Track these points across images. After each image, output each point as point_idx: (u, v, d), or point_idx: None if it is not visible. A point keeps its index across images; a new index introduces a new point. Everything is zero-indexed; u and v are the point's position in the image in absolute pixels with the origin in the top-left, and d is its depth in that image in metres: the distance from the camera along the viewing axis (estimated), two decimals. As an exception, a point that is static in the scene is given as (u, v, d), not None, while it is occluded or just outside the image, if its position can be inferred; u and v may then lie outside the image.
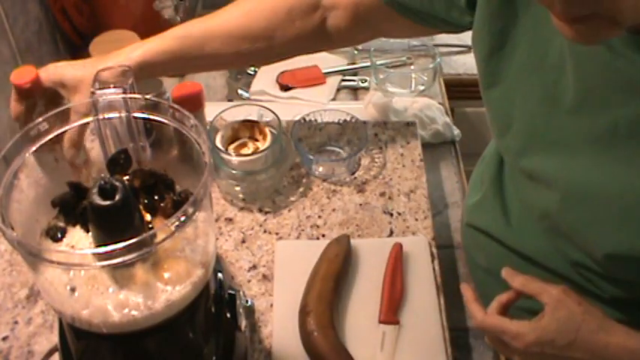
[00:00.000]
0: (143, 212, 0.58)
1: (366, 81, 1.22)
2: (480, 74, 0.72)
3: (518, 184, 0.76)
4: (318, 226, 0.92)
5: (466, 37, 1.42)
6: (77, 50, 1.30)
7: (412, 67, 1.22)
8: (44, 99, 0.78)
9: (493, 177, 0.82)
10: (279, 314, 0.80)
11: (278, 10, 0.81)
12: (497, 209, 0.80)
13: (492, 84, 0.70)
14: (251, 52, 0.83)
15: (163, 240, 0.51)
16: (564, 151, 0.63)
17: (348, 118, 1.02)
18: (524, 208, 0.75)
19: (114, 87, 0.60)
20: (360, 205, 0.95)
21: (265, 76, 1.22)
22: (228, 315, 0.68)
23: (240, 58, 0.85)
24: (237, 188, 0.94)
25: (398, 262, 0.84)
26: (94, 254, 0.50)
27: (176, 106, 0.59)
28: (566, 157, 0.63)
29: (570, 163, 0.63)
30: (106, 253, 0.49)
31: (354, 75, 1.24)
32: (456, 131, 1.11)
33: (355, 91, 1.22)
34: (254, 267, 0.87)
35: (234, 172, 0.92)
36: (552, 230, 0.70)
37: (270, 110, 0.96)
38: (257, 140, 0.97)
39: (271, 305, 0.82)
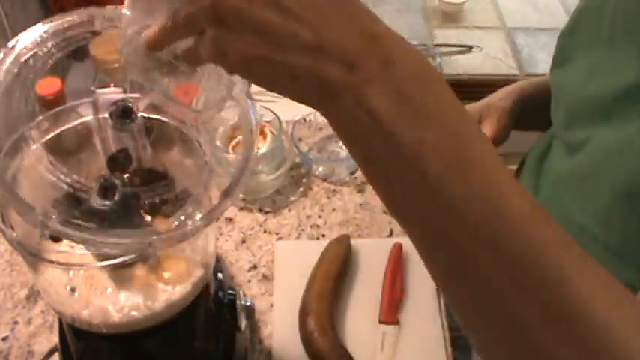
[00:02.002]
0: (143, 212, 0.58)
1: (366, 81, 1.22)
2: (554, 53, 0.75)
3: (555, 161, 0.76)
4: (318, 226, 0.92)
5: (466, 37, 1.43)
6: (77, 50, 1.30)
7: (412, 67, 1.22)
8: None
9: (538, 154, 0.83)
10: (279, 314, 0.80)
11: None
12: (531, 183, 0.81)
13: (558, 64, 0.73)
14: None
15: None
16: (598, 118, 0.64)
17: (348, 118, 1.02)
18: (551, 186, 0.76)
19: (114, 86, 0.60)
20: (360, 205, 0.95)
21: (265, 76, 1.22)
22: (228, 315, 0.68)
23: None
24: (237, 188, 0.94)
25: (398, 262, 0.84)
26: (94, 254, 0.50)
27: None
28: (598, 124, 0.64)
29: (600, 128, 0.63)
30: (106, 253, 0.49)
31: (354, 75, 1.24)
32: (456, 131, 1.11)
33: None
34: (254, 267, 0.87)
35: (233, 171, 0.92)
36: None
37: (270, 110, 0.96)
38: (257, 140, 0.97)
39: (271, 305, 0.82)
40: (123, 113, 0.53)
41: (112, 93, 0.56)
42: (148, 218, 0.58)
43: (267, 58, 0.36)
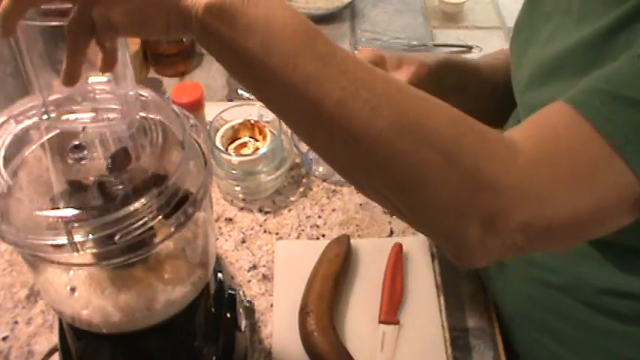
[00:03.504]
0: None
1: (366, 81, 1.22)
2: (514, 26, 0.79)
3: None
4: (318, 226, 0.92)
5: (466, 37, 1.43)
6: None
7: (412, 67, 1.22)
8: None
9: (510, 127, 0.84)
10: (279, 314, 0.80)
11: None
12: None
13: (517, 34, 0.77)
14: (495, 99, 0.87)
15: (163, 240, 0.51)
16: (557, 77, 0.65)
17: (348, 118, 1.02)
18: None
19: None
20: (360, 205, 0.95)
21: (265, 76, 1.21)
22: (228, 315, 0.68)
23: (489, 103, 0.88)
24: (237, 188, 0.94)
25: (398, 262, 0.84)
26: (94, 254, 0.50)
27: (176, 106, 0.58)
28: (557, 83, 0.65)
29: (559, 87, 0.65)
30: (106, 253, 0.49)
31: (354, 75, 1.24)
32: (456, 131, 1.11)
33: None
34: (254, 267, 0.87)
35: (234, 172, 0.92)
36: None
37: (270, 110, 0.96)
38: (257, 140, 0.97)
39: (271, 305, 0.82)
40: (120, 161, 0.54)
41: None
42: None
43: (141, 6, 0.46)
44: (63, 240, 0.47)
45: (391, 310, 0.79)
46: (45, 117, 0.54)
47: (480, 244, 0.51)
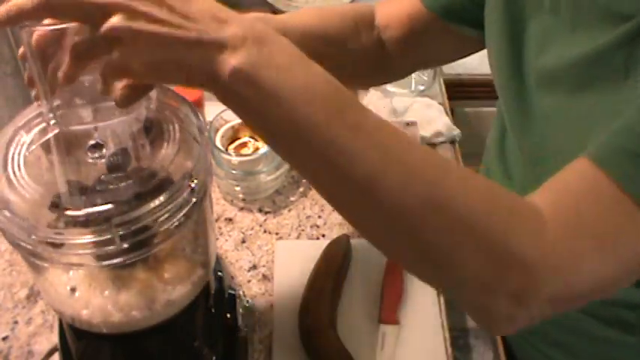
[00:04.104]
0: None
1: (366, 81, 1.22)
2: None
3: (521, 130, 0.74)
4: (318, 226, 0.92)
5: (466, 37, 1.42)
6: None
7: (412, 67, 1.22)
8: None
9: (496, 142, 0.83)
10: (279, 314, 0.80)
11: (347, 19, 0.83)
12: (500, 172, 0.81)
13: (498, 39, 0.72)
14: (324, 56, 0.83)
15: (163, 240, 0.51)
16: (555, 92, 0.64)
17: (348, 118, 1.01)
18: (524, 164, 0.75)
19: None
20: (360, 205, 0.95)
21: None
22: (228, 315, 0.68)
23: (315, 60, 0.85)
24: (237, 188, 0.94)
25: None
26: (94, 254, 0.50)
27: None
28: (557, 97, 0.64)
29: (558, 101, 0.63)
30: (106, 253, 0.49)
31: (354, 75, 1.24)
32: (456, 131, 1.11)
33: (355, 91, 1.21)
34: (254, 267, 0.87)
35: (234, 172, 0.92)
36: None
37: (270, 110, 0.96)
38: (257, 140, 0.97)
39: (271, 305, 0.82)
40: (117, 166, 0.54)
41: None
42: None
43: (164, 60, 0.44)
44: (107, 235, 0.48)
45: (391, 310, 0.79)
46: (52, 122, 0.53)
47: (507, 317, 0.50)
